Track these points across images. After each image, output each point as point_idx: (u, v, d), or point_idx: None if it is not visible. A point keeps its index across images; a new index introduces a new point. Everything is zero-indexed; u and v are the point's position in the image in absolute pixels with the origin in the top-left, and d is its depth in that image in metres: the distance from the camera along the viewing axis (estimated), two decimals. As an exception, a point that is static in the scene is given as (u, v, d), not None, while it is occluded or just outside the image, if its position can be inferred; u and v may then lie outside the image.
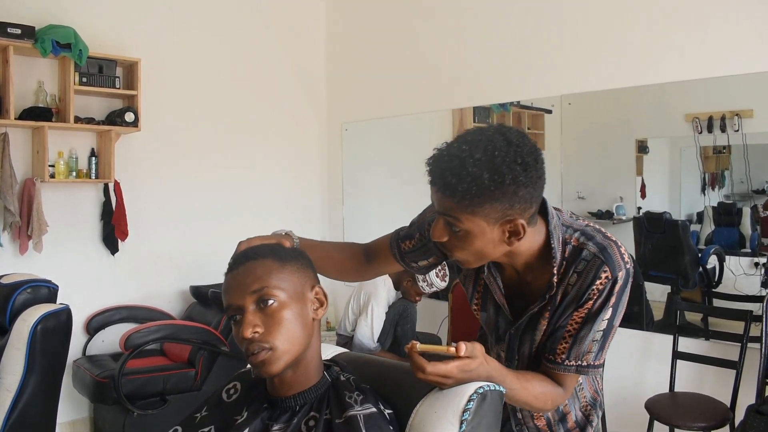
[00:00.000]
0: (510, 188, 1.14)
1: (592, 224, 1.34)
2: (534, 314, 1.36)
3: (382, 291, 3.68)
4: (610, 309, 1.27)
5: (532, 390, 1.27)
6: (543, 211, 1.31)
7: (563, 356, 1.31)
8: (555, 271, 1.29)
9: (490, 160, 1.13)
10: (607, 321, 1.28)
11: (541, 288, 1.34)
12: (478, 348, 1.13)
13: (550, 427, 1.49)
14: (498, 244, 1.23)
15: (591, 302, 1.26)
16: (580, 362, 1.30)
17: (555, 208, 1.34)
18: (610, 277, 1.25)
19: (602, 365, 1.33)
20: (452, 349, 1.11)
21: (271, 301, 1.15)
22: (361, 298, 3.73)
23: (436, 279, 3.52)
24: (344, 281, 1.70)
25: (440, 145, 1.22)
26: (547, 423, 1.49)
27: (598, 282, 1.25)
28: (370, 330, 3.61)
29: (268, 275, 1.17)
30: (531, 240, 1.29)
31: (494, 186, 1.13)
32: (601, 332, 1.29)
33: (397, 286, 3.73)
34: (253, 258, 1.20)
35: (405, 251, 1.53)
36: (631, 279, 1.28)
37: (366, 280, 1.72)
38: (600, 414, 1.56)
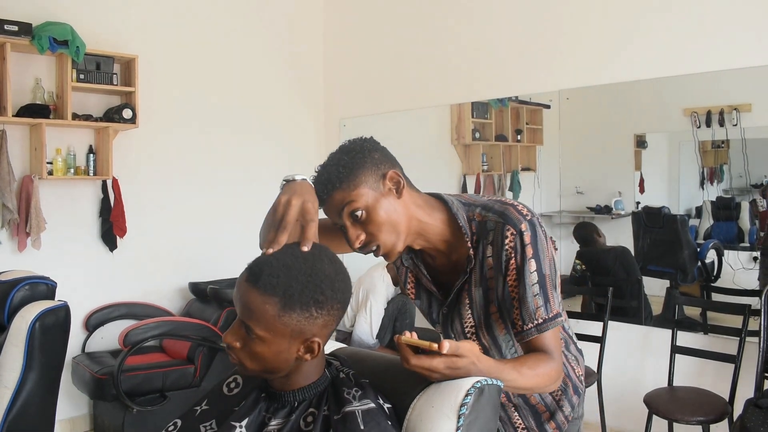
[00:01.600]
0: (365, 155, 1.35)
1: (493, 197, 1.46)
2: (458, 290, 1.45)
3: (380, 287, 3.68)
4: (533, 260, 1.33)
5: (531, 372, 1.29)
6: (441, 200, 1.45)
7: (520, 323, 1.35)
8: (469, 245, 1.39)
9: (341, 151, 1.38)
10: (536, 272, 1.34)
11: (459, 268, 1.44)
12: (466, 347, 1.13)
13: (519, 411, 1.56)
14: (394, 203, 1.36)
15: (513, 261, 1.34)
16: (536, 321, 1.34)
17: (454, 195, 1.47)
18: (515, 233, 1.33)
19: (559, 316, 1.36)
20: (435, 346, 1.10)
21: (254, 336, 1.11)
22: (360, 294, 3.73)
23: None
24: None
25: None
26: (515, 407, 1.55)
27: (507, 241, 1.34)
28: (369, 326, 3.62)
29: (260, 316, 1.10)
30: (426, 207, 1.41)
31: (352, 159, 1.34)
32: (537, 285, 1.34)
33: (395, 282, 3.73)
34: (260, 287, 1.11)
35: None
36: (539, 228, 1.35)
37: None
38: (578, 401, 1.57)
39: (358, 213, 1.33)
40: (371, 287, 3.68)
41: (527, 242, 1.33)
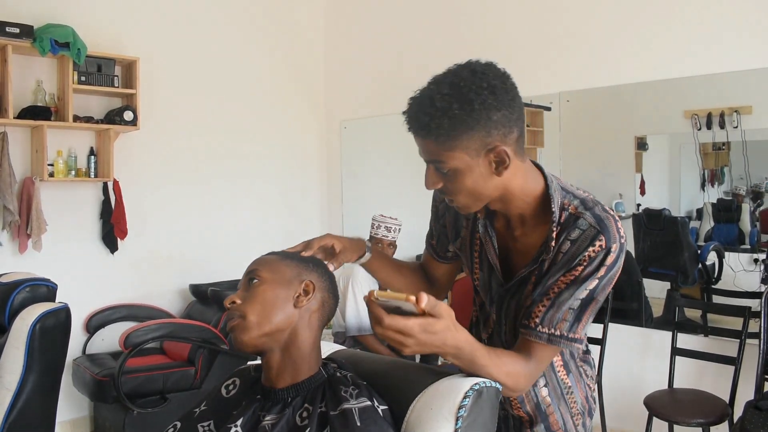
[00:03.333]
0: (482, 114, 1.14)
1: (592, 196, 1.34)
2: (524, 277, 1.33)
3: (360, 272, 3.66)
4: (597, 280, 1.23)
5: (504, 367, 1.20)
6: (539, 169, 1.34)
7: (537, 320, 1.26)
8: (554, 234, 1.27)
9: (456, 92, 1.14)
10: (589, 291, 1.24)
11: (530, 251, 1.33)
12: (443, 308, 1.05)
13: (532, 422, 1.46)
14: (488, 177, 1.22)
15: (581, 268, 1.23)
16: (552, 330, 1.25)
17: (554, 176, 1.35)
18: (603, 247, 1.22)
19: (577, 341, 1.27)
20: (412, 298, 1.00)
21: (255, 280, 1.25)
22: (340, 284, 3.72)
23: None
24: None
25: (413, 93, 1.25)
26: (528, 416, 1.46)
27: (591, 249, 1.23)
28: (356, 309, 3.61)
29: (264, 263, 1.28)
30: (524, 179, 1.28)
31: (465, 114, 1.13)
32: (580, 301, 1.24)
33: None
34: (270, 254, 1.33)
35: (436, 247, 1.59)
36: (623, 255, 1.25)
37: (438, 294, 1.68)
38: (590, 424, 1.51)
39: (446, 171, 1.21)
40: (349, 274, 3.68)
41: (607, 263, 1.23)
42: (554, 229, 1.27)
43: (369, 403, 1.14)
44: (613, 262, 1.23)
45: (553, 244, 1.27)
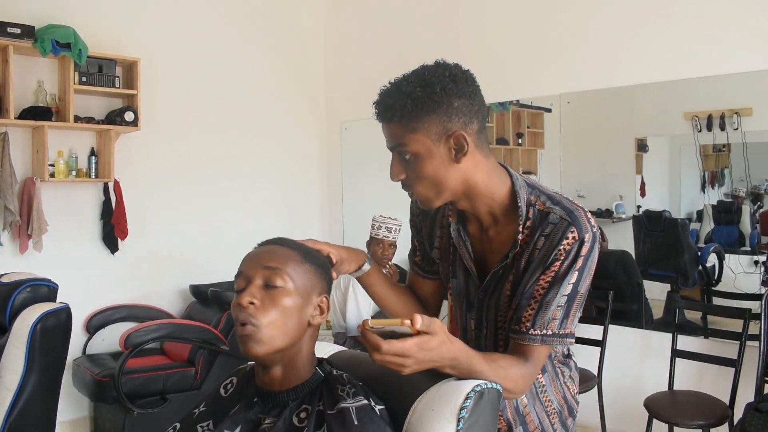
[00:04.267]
0: (443, 98, 1.20)
1: (558, 192, 1.35)
2: (500, 276, 1.35)
3: None
4: (576, 272, 1.25)
5: (502, 371, 1.21)
6: (506, 172, 1.36)
7: (528, 324, 1.27)
8: (520, 228, 1.30)
9: (420, 78, 1.22)
10: (572, 285, 1.26)
11: (503, 250, 1.34)
12: (437, 324, 1.07)
13: (510, 428, 1.44)
14: (448, 164, 1.25)
15: (558, 263, 1.25)
16: (544, 331, 1.27)
17: (521, 175, 1.38)
18: (576, 238, 1.25)
19: (569, 336, 1.29)
20: (407, 322, 1.03)
21: (279, 284, 1.17)
22: (341, 285, 3.73)
23: None
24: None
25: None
26: (507, 424, 1.44)
27: (565, 242, 1.25)
28: (357, 310, 3.62)
29: (286, 262, 1.20)
30: (488, 175, 1.30)
31: (426, 96, 1.19)
32: (566, 297, 1.26)
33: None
34: (279, 244, 1.25)
35: (420, 263, 1.58)
36: (597, 245, 1.28)
37: (431, 313, 1.65)
38: (572, 424, 1.50)
39: (407, 156, 1.26)
40: (351, 276, 3.68)
41: (582, 253, 1.25)
42: (520, 223, 1.30)
43: (366, 402, 1.14)
44: (588, 252, 1.26)
45: (520, 237, 1.29)
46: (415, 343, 1.04)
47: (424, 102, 1.20)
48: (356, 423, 1.10)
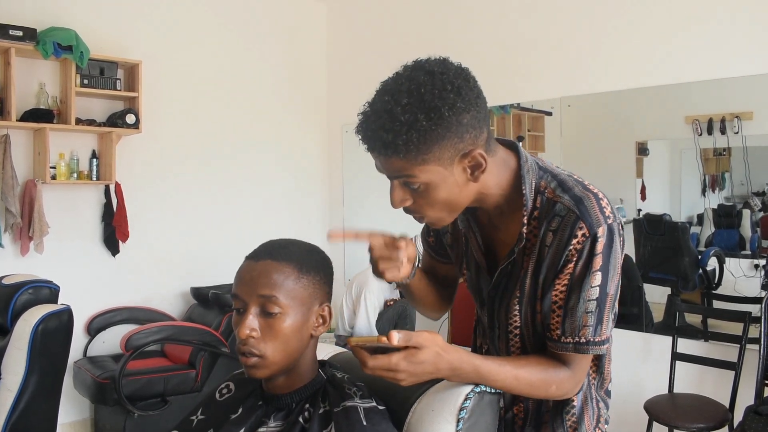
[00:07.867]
0: (452, 119, 1.02)
1: (576, 175, 1.20)
2: (509, 273, 1.21)
3: (373, 281, 3.68)
4: (599, 273, 1.09)
5: (527, 377, 1.12)
6: (514, 149, 1.20)
7: (558, 332, 1.14)
8: (525, 220, 1.15)
9: (419, 100, 1.02)
10: (598, 288, 1.10)
11: (511, 240, 1.20)
12: (424, 337, 1.02)
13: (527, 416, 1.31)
14: (464, 185, 1.10)
15: (571, 265, 1.10)
16: (577, 339, 1.13)
17: (535, 156, 1.23)
18: (587, 235, 1.08)
19: (606, 342, 1.14)
20: (384, 339, 1.00)
21: (276, 311, 1.14)
22: (353, 291, 3.74)
23: None
24: (440, 315, 1.57)
25: (362, 108, 1.11)
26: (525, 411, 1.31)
27: (574, 241, 1.09)
28: (366, 320, 3.62)
29: (282, 283, 1.15)
30: (498, 173, 1.16)
31: (434, 124, 1.01)
32: (594, 302, 1.11)
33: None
34: (276, 258, 1.18)
35: (434, 245, 1.45)
36: (618, 236, 1.11)
37: (450, 301, 1.54)
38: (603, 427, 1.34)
39: (416, 186, 1.09)
40: (364, 281, 3.69)
41: (598, 251, 1.09)
42: (525, 213, 1.15)
43: (374, 403, 1.15)
44: (605, 248, 1.09)
45: (525, 230, 1.15)
46: (401, 356, 1.01)
47: (432, 131, 1.02)
48: (365, 423, 1.10)
